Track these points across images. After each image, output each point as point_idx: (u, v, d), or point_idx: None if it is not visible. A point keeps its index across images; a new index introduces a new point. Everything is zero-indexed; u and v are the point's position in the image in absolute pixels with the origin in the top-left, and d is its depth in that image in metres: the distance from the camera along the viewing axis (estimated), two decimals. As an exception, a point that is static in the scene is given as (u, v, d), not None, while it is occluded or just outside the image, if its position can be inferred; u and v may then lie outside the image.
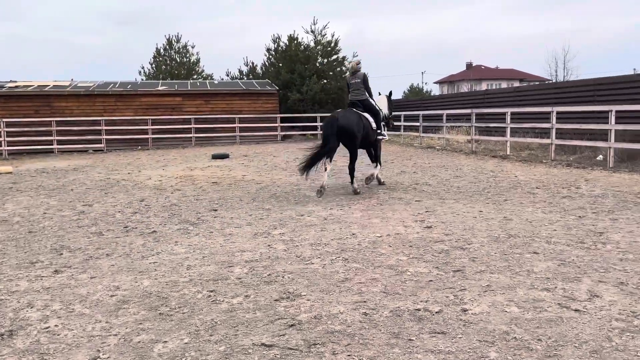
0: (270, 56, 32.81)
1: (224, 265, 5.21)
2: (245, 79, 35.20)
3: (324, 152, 9.24)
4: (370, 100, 9.94)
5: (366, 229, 6.58)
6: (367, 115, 9.70)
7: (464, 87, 60.88)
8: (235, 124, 26.53)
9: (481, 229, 6.39)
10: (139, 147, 24.66)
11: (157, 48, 37.23)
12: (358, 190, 9.48)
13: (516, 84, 68.42)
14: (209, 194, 10.00)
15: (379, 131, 10.03)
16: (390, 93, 11.14)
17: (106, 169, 15.34)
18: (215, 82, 31.56)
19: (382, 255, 5.36)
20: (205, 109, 26.90)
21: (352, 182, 9.65)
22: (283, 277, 4.79)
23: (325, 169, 9.49)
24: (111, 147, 24.63)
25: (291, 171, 13.51)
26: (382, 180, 10.59)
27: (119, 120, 25.28)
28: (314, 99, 29.66)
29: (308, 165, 9.25)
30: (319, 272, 4.88)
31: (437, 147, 19.57)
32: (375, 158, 10.42)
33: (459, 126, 21.38)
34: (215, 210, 8.24)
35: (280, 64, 31.61)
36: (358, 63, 10.03)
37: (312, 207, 8.31)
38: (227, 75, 37.07)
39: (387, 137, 10.53)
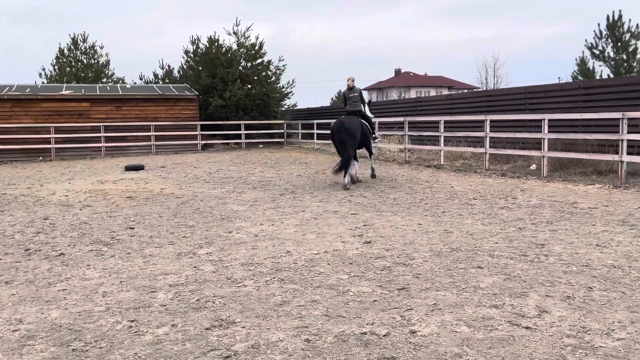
0: (189, 59, 32.26)
1: (145, 291, 4.96)
2: (161, 83, 34.38)
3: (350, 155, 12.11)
4: (365, 110, 13.08)
5: (302, 246, 6.50)
6: (364, 122, 12.81)
7: (393, 94, 62.45)
8: (150, 132, 25.83)
9: (422, 243, 6.47)
10: (40, 158, 23.43)
11: (60, 48, 35.83)
12: (347, 187, 11.76)
13: (445, 91, 71.10)
14: (124, 210, 9.62)
15: (373, 135, 13.30)
16: (370, 101, 14.40)
17: (1, 182, 14.42)
18: (128, 86, 30.61)
19: (321, 275, 5.29)
20: (116, 115, 26.05)
21: (344, 176, 12.07)
22: (213, 302, 4.61)
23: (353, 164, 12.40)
24: (6, 158, 23.26)
25: (215, 183, 13.26)
26: (375, 174, 13.56)
27: (15, 129, 23.93)
28: (238, 105, 29.41)
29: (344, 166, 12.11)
30: (253, 296, 4.74)
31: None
32: (370, 153, 13.85)
33: (391, 135, 21.80)
34: (132, 228, 7.92)
35: (200, 68, 31.12)
36: (353, 80, 13.03)
37: (241, 222, 8.15)
38: (141, 79, 36.11)
39: (379, 138, 13.29)
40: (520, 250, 6.05)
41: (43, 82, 34.33)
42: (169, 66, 35.47)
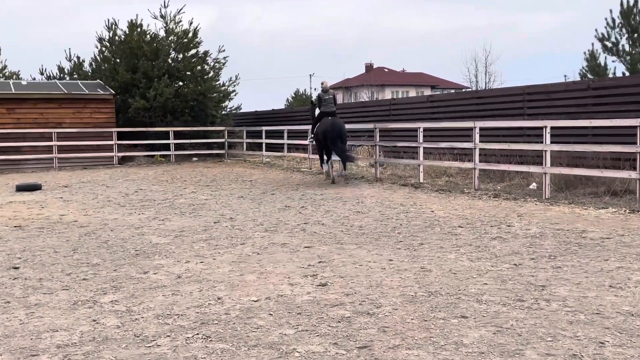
0: (104, 48, 31.92)
1: (24, 354, 4.71)
2: (68, 78, 33.84)
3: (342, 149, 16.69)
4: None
5: (237, 291, 6.35)
6: None
7: (364, 95, 62.99)
8: (52, 141, 25.44)
9: (392, 285, 6.39)
10: None
11: None
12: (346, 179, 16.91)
13: (427, 91, 72.22)
14: (8, 243, 9.31)
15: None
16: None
17: None
18: (24, 82, 30.02)
19: (259, 329, 5.14)
20: (7, 120, 25.58)
21: (344, 169, 17.69)
22: (114, 369, 4.37)
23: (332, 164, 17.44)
24: None
25: (132, 208, 12.98)
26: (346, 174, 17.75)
27: None
28: (165, 108, 29.16)
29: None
30: (168, 359, 4.54)
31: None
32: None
33: (359, 146, 21.83)
34: (17, 268, 7.65)
35: (118, 60, 30.79)
36: (326, 83, 17.75)
37: (161, 259, 7.94)
38: (42, 74, 35.61)
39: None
40: (516, 294, 6.00)
41: None
42: (78, 58, 34.95)
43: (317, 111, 17.69)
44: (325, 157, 17.41)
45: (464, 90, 47.77)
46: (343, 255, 7.96)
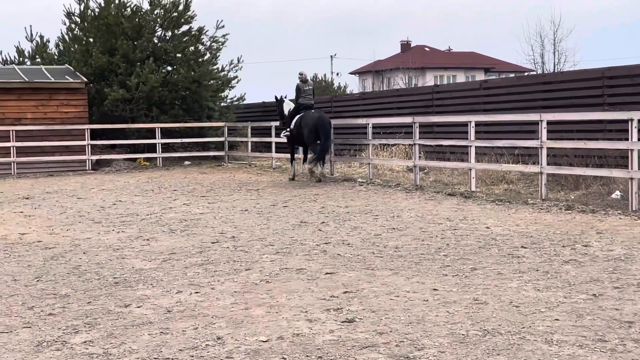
0: (74, 25, 32.18)
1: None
2: (29, 63, 34.13)
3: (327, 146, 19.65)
4: None
5: (242, 329, 6.36)
6: None
7: (399, 81, 62.99)
8: (9, 141, 25.62)
9: (438, 322, 6.37)
10: None
11: None
12: (322, 178, 19.78)
13: (480, 75, 72.07)
14: (-44, 269, 9.36)
15: None
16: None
17: None
18: (-26, 68, 30.34)
19: (270, 377, 5.14)
20: (-48, 115, 25.78)
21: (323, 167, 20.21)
22: None
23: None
24: None
25: (109, 225, 13.07)
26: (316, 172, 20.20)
27: None
28: (151, 99, 29.28)
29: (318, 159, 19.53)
30: (157, 415, 4.56)
31: (359, 180, 19.83)
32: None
33: (394, 145, 21.82)
34: (-34, 300, 7.70)
35: (91, 39, 30.99)
36: (305, 74, 20.45)
37: (146, 289, 7.98)
38: (-3, 58, 35.78)
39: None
40: (595, 333, 5.97)
41: None
42: (41, 37, 35.21)
43: (287, 104, 21.04)
44: (299, 155, 21.23)
45: (526, 74, 47.54)
46: (374, 283, 7.91)
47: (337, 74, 76.18)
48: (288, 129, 20.55)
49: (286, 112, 21.15)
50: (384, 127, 22.24)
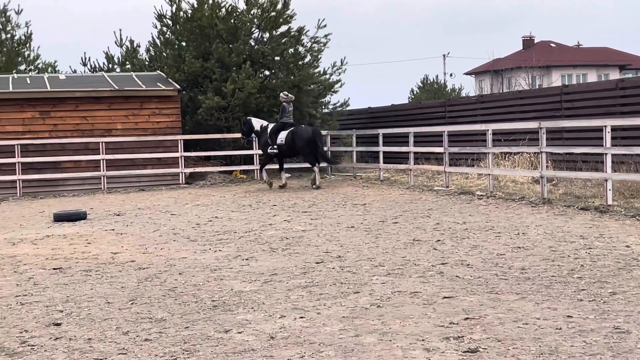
0: (165, 28, 32.78)
1: None
2: (119, 70, 34.97)
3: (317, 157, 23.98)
4: None
5: (352, 358, 6.33)
6: None
7: (521, 81, 62.01)
8: (99, 154, 26.22)
9: (573, 353, 6.23)
10: None
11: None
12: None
13: (614, 74, 70.51)
14: (47, 291, 9.63)
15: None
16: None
17: None
18: (62, 76, 31.25)
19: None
20: (41, 127, 26.64)
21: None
22: None
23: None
24: None
25: (205, 243, 13.25)
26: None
27: None
28: (248, 106, 29.45)
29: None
30: None
31: (478, 193, 19.62)
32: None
33: (517, 153, 21.51)
34: (58, 324, 7.89)
35: (184, 43, 31.51)
36: (291, 95, 24.87)
37: (247, 314, 8.02)
38: (85, 65, 36.71)
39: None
40: None
41: None
42: (131, 42, 36.15)
43: (255, 121, 25.32)
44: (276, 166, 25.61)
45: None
46: (499, 309, 7.79)
47: (451, 74, 75.82)
48: (275, 145, 23.79)
49: (257, 127, 25.02)
50: (505, 133, 21.98)
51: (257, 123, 25.22)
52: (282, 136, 23.75)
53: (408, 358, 6.28)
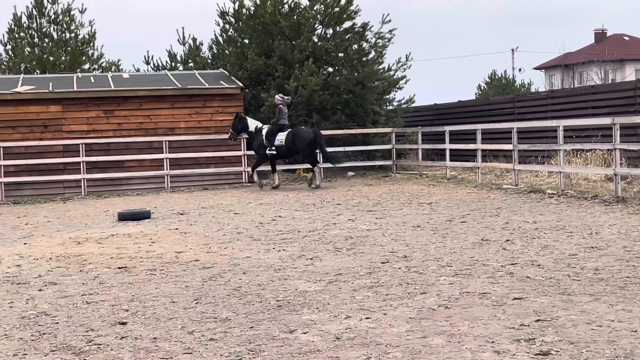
0: (228, 26, 32.93)
1: None
2: (182, 68, 35.24)
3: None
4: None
5: (419, 359, 6.32)
6: None
7: (593, 75, 61.19)
8: (162, 153, 26.49)
9: (650, 358, 6.15)
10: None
11: (15, 15, 37.32)
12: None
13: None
14: (112, 290, 9.77)
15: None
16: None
17: None
18: (125, 75, 31.56)
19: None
20: (105, 126, 26.94)
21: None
22: None
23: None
24: None
25: (269, 242, 13.32)
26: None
27: None
28: (311, 104, 29.50)
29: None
30: None
31: (549, 191, 19.44)
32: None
33: (590, 150, 21.26)
34: (124, 323, 8.01)
35: (247, 40, 31.63)
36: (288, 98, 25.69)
37: (312, 314, 8.06)
38: (148, 64, 37.03)
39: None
40: None
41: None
42: (194, 40, 36.38)
43: (251, 121, 25.59)
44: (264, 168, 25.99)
45: None
46: (572, 310, 7.71)
47: (520, 69, 75.23)
48: (274, 146, 24.31)
49: (252, 128, 25.34)
50: (576, 129, 21.73)
51: (252, 123, 25.57)
52: (282, 138, 24.31)
53: (478, 359, 6.27)
